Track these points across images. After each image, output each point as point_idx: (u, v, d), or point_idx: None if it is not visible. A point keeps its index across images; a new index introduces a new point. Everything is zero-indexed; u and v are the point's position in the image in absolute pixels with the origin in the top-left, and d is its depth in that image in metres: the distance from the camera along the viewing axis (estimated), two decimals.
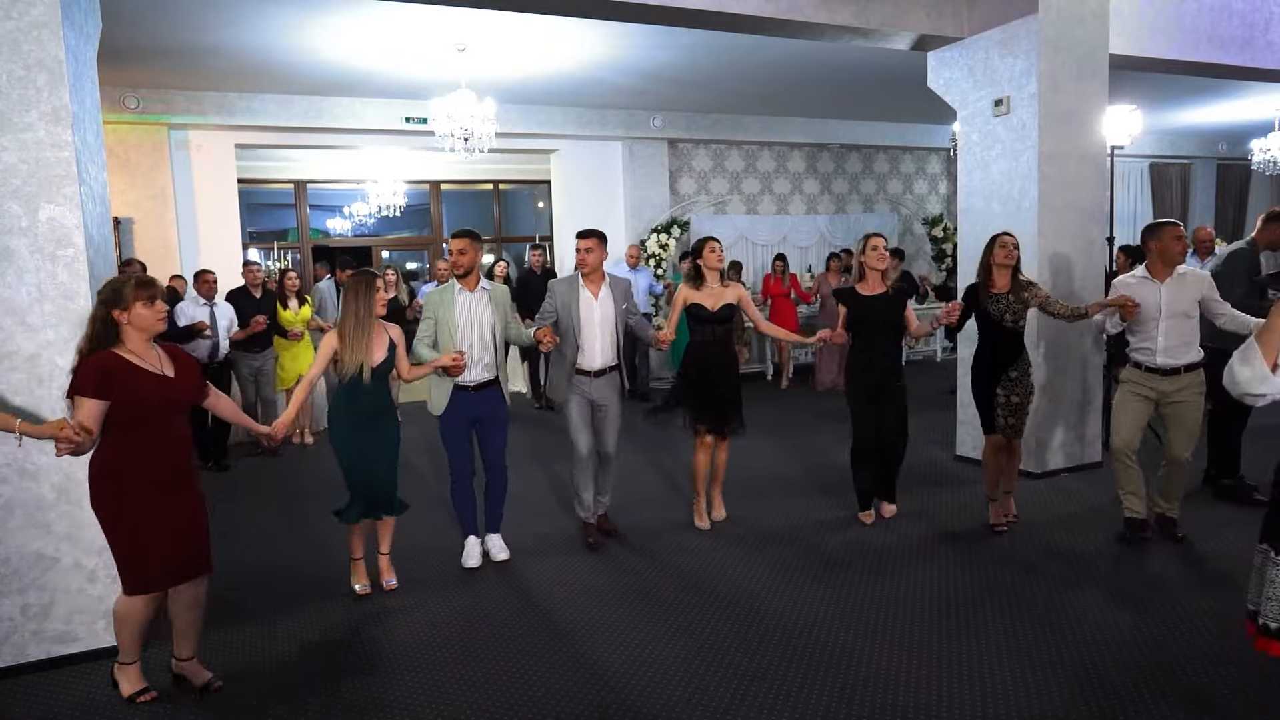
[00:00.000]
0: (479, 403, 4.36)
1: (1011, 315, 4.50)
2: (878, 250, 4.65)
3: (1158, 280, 4.26)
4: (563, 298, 4.55)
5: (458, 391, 4.32)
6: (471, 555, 4.50)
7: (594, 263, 4.53)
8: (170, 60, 7.09)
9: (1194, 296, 4.23)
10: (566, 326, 4.51)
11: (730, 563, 4.43)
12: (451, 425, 4.38)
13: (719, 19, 5.34)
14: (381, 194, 11.32)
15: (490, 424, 4.44)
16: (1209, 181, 14.14)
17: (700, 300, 4.74)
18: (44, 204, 3.44)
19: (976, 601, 3.83)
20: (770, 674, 3.25)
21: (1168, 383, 4.26)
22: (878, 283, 4.70)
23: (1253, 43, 6.81)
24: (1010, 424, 4.58)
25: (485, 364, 4.35)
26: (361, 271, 4.06)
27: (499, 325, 4.39)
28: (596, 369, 4.55)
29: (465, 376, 4.26)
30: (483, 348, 4.33)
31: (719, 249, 4.79)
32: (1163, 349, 4.23)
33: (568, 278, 4.65)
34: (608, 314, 4.56)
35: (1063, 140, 5.70)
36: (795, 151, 11.52)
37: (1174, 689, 3.03)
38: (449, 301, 4.31)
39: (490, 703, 3.13)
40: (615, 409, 4.66)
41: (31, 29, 3.38)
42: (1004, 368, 4.56)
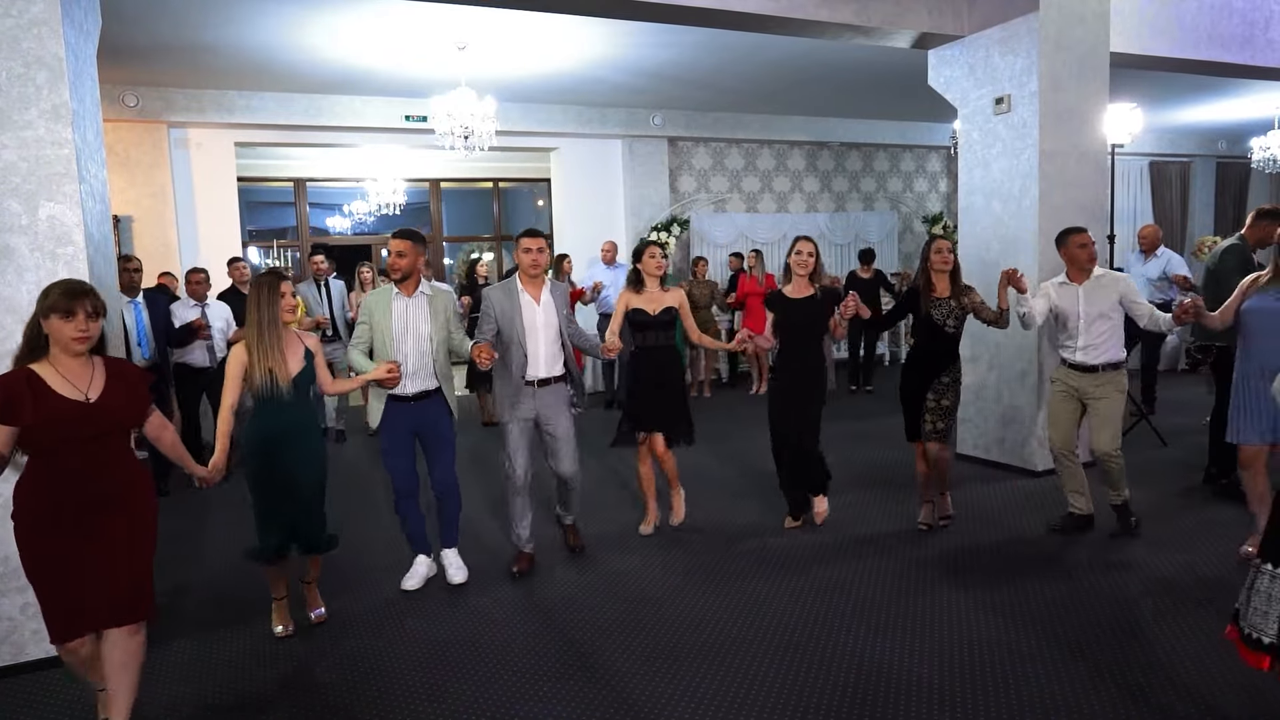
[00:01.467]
0: (418, 414, 4.06)
1: (953, 321, 4.55)
2: (802, 254, 4.64)
3: (1075, 284, 4.47)
4: (501, 306, 4.22)
5: (394, 402, 4.04)
6: (414, 576, 4.21)
7: (544, 264, 4.29)
8: (170, 58, 7.08)
9: (1113, 298, 4.40)
10: (509, 337, 4.19)
11: (731, 563, 4.44)
12: (390, 438, 4.08)
13: (721, 17, 5.33)
14: (381, 192, 11.32)
15: (433, 437, 4.12)
16: (1208, 180, 14.13)
17: (641, 305, 4.65)
18: (44, 202, 3.43)
19: (978, 599, 3.83)
20: (772, 674, 3.26)
21: (1088, 380, 4.43)
22: (804, 286, 4.68)
23: (1253, 41, 6.81)
24: (938, 428, 4.60)
25: (424, 373, 4.05)
26: (264, 275, 3.61)
27: (438, 333, 4.08)
28: (541, 378, 4.25)
29: (401, 386, 3.98)
30: (420, 357, 4.03)
31: (659, 255, 4.69)
32: (1082, 347, 4.43)
33: (503, 284, 4.35)
34: (551, 320, 4.27)
35: (1063, 138, 5.70)
36: (795, 149, 11.51)
37: (1174, 687, 3.03)
38: (384, 306, 4.03)
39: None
40: (565, 425, 4.34)
41: (31, 26, 3.37)
42: (938, 372, 4.59)
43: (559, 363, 4.32)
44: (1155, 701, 2.94)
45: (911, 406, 4.67)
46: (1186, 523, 4.65)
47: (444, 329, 4.10)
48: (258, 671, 3.46)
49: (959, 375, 4.65)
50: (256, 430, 3.58)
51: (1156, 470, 5.76)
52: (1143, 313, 4.38)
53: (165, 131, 8.20)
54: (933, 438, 4.62)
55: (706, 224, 10.70)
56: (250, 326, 3.52)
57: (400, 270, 4.00)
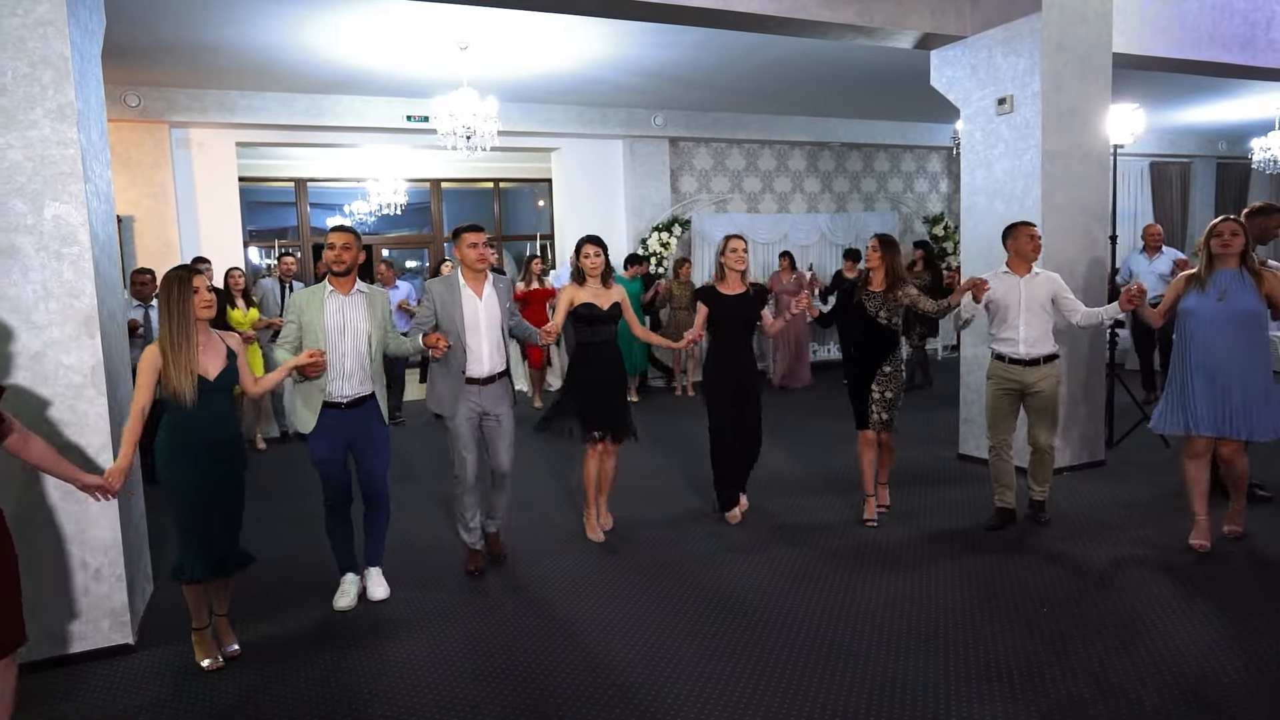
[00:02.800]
0: (352, 421, 3.85)
1: (886, 313, 4.69)
2: (737, 252, 4.75)
3: (1018, 275, 4.58)
4: (442, 299, 4.14)
5: (327, 409, 3.81)
6: (345, 595, 4.01)
7: (490, 260, 4.22)
8: (171, 58, 7.08)
9: (1048, 293, 4.54)
10: (449, 331, 4.09)
11: (729, 563, 4.44)
12: (320, 447, 3.85)
13: (723, 17, 5.33)
14: (382, 192, 11.32)
15: (366, 444, 3.91)
16: (1209, 180, 14.15)
17: (588, 299, 4.56)
18: (49, 202, 3.43)
19: (980, 598, 3.84)
20: (777, 673, 3.26)
21: (1029, 373, 4.55)
22: (737, 283, 4.79)
23: (1254, 42, 6.81)
24: (884, 419, 4.75)
25: (360, 376, 3.85)
26: (177, 268, 3.32)
27: (376, 334, 3.89)
28: (485, 375, 4.17)
29: (335, 391, 3.79)
30: (356, 358, 3.82)
31: (593, 254, 4.59)
32: (1024, 339, 4.53)
33: (445, 277, 4.23)
34: (493, 315, 4.19)
35: (1066, 139, 5.71)
36: (796, 150, 11.51)
37: (1181, 692, 3.03)
38: (316, 305, 3.79)
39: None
40: (508, 420, 4.28)
41: (37, 26, 3.37)
42: (878, 363, 4.72)
43: (502, 359, 4.27)
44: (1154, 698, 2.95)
45: (858, 397, 4.81)
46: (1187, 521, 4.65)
47: (382, 329, 3.94)
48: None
49: (900, 365, 4.79)
50: (174, 438, 3.29)
51: (1159, 470, 5.77)
52: (1076, 309, 4.53)
53: (167, 131, 8.19)
54: (880, 427, 4.77)
55: (708, 224, 10.70)
56: (162, 325, 3.25)
57: (345, 263, 3.80)
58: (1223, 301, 4.04)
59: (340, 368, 3.80)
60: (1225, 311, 4.04)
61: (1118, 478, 5.70)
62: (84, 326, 3.51)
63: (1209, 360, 4.08)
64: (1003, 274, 4.64)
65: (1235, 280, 4.06)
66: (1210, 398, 4.10)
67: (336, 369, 3.79)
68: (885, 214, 11.94)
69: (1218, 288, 4.07)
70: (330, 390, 3.80)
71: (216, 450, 3.34)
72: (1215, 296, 4.06)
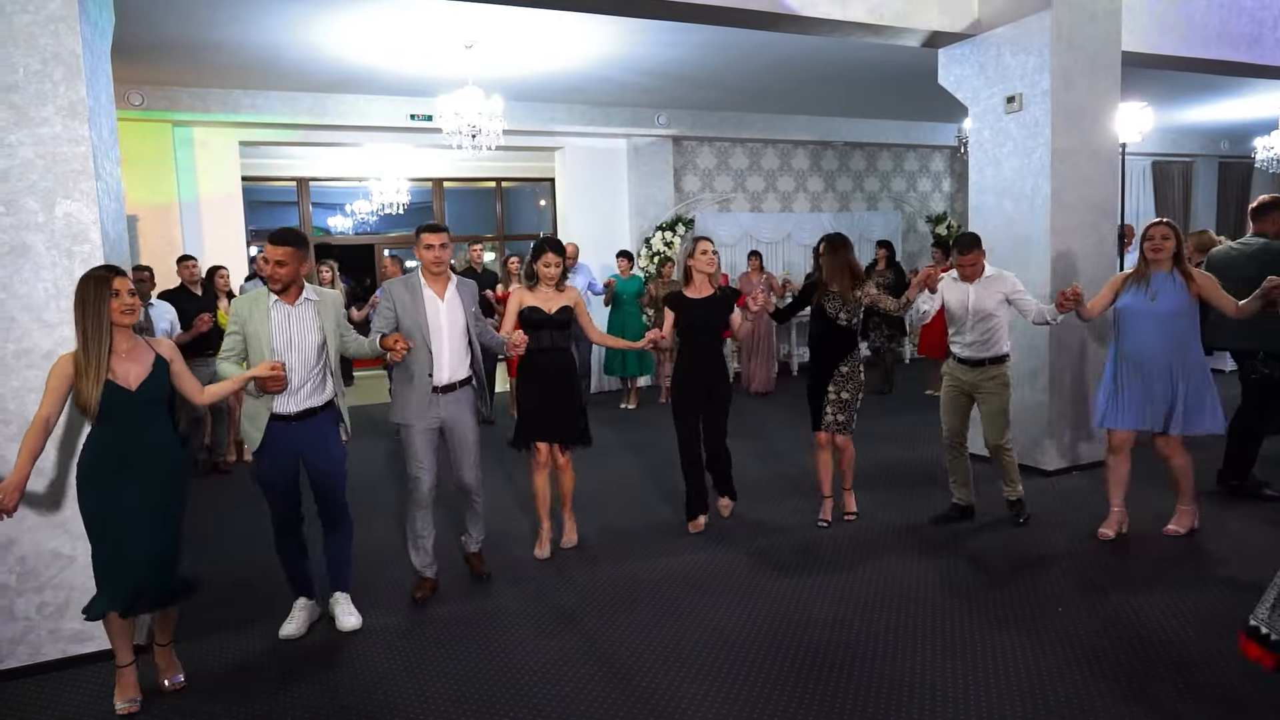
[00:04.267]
0: (303, 434, 3.57)
1: (845, 314, 4.68)
2: (706, 254, 4.70)
3: (967, 282, 4.63)
4: (402, 301, 3.90)
5: (275, 422, 3.52)
6: (292, 621, 3.71)
7: (447, 261, 4.00)
8: (175, 57, 7.05)
9: (998, 297, 4.55)
10: (411, 336, 3.84)
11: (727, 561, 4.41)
12: (268, 463, 3.56)
13: (732, 15, 5.31)
14: (385, 192, 11.29)
15: (319, 458, 3.62)
16: (1211, 179, 14.17)
17: (536, 303, 4.37)
18: (61, 199, 3.41)
19: (986, 597, 3.82)
20: (782, 673, 3.24)
21: (976, 374, 4.61)
22: (705, 286, 4.73)
23: (1261, 40, 6.81)
24: (839, 420, 4.73)
25: (310, 387, 3.58)
26: (95, 269, 3.04)
27: (331, 340, 3.62)
28: (445, 383, 3.94)
29: (284, 405, 3.53)
30: (306, 371, 3.55)
31: (554, 262, 4.39)
32: (969, 343, 4.60)
33: (405, 277, 4.00)
34: (456, 319, 3.97)
35: (1075, 137, 5.69)
36: (799, 149, 11.50)
37: (1189, 685, 3.02)
38: (261, 315, 3.49)
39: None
40: (470, 430, 4.04)
41: (49, 22, 3.35)
42: (836, 364, 4.72)
43: (465, 365, 4.03)
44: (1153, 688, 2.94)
45: (815, 398, 4.79)
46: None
47: (336, 334, 3.65)
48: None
49: (858, 366, 4.77)
50: (93, 456, 3.01)
51: None
52: (1029, 308, 4.56)
53: (170, 130, 8.17)
54: (834, 429, 4.73)
55: (711, 224, 10.68)
56: (77, 331, 2.96)
57: (281, 280, 3.48)
58: (1155, 301, 4.20)
59: (289, 381, 3.49)
60: (1158, 310, 4.20)
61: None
62: None
63: (1142, 357, 4.24)
64: (954, 281, 4.68)
65: (1168, 281, 4.21)
66: (1142, 394, 4.25)
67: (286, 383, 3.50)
68: (889, 213, 11.94)
69: (1151, 288, 4.23)
70: (276, 406, 3.52)
71: (143, 468, 3.01)
72: (1149, 296, 4.22)
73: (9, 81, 3.32)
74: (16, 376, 3.39)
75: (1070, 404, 5.83)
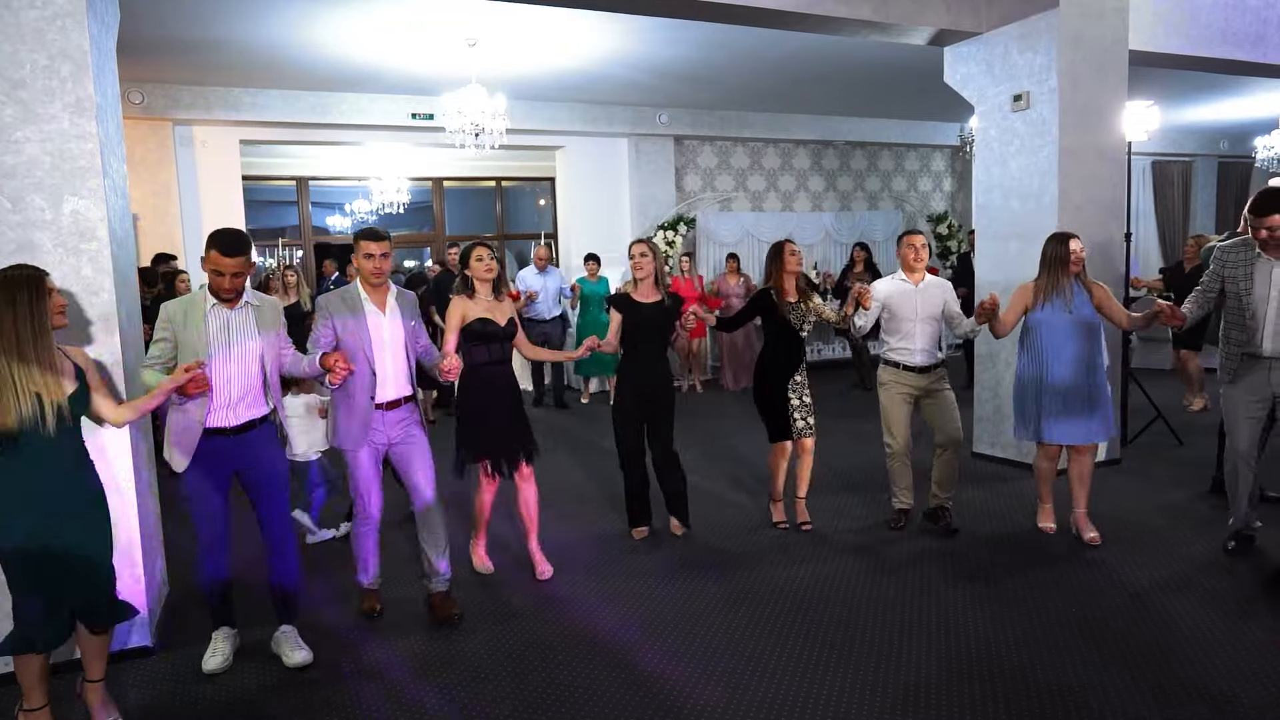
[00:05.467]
0: (240, 447, 3.29)
1: (806, 323, 4.67)
2: (635, 258, 4.54)
3: (913, 284, 4.58)
4: (340, 315, 3.61)
5: (211, 437, 3.23)
6: (216, 653, 3.39)
7: (388, 271, 3.69)
8: (176, 55, 7.01)
9: (940, 302, 4.58)
10: (352, 353, 3.56)
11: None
12: (201, 480, 3.25)
13: (740, 13, 5.29)
14: (385, 191, 11.25)
15: (260, 476, 3.37)
16: (1210, 179, 14.19)
17: (486, 314, 4.05)
18: (68, 197, 3.36)
19: (994, 598, 3.81)
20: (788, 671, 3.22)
21: (924, 379, 4.58)
22: (651, 290, 4.57)
23: (1266, 39, 6.80)
24: (809, 423, 4.69)
25: (250, 398, 3.33)
26: (15, 268, 2.76)
27: (271, 351, 3.39)
28: (390, 400, 3.68)
29: (221, 417, 3.25)
30: (245, 382, 3.30)
31: (487, 257, 4.09)
32: (920, 349, 4.55)
33: (340, 290, 3.71)
34: (398, 332, 3.71)
35: (1082, 136, 5.69)
36: (800, 148, 11.49)
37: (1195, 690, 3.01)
38: (195, 319, 3.22)
39: None
40: (420, 446, 3.77)
41: (56, 18, 3.31)
42: (791, 372, 4.65)
43: (408, 380, 3.76)
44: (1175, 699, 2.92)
45: (775, 408, 4.67)
46: (1196, 526, 4.63)
47: (275, 345, 3.42)
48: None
49: (806, 372, 4.76)
50: (8, 482, 2.70)
51: (1172, 470, 5.74)
52: (959, 320, 4.60)
53: (170, 129, 8.14)
54: (807, 434, 4.70)
55: (712, 223, 10.67)
56: (6, 338, 2.65)
57: (233, 290, 3.24)
58: (1072, 312, 4.27)
59: (225, 395, 3.25)
60: (1075, 321, 4.27)
61: (1135, 476, 5.67)
62: (102, 324, 3.44)
63: (1052, 367, 4.30)
64: (899, 280, 4.61)
65: (1078, 292, 4.30)
66: (1064, 406, 4.31)
67: (221, 397, 3.24)
68: (889, 212, 11.94)
69: (1064, 299, 4.28)
70: (212, 420, 3.25)
71: (69, 490, 2.79)
72: (1063, 307, 4.27)
73: (16, 77, 3.28)
74: None
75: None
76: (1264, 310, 3.90)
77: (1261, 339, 3.91)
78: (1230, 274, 4.02)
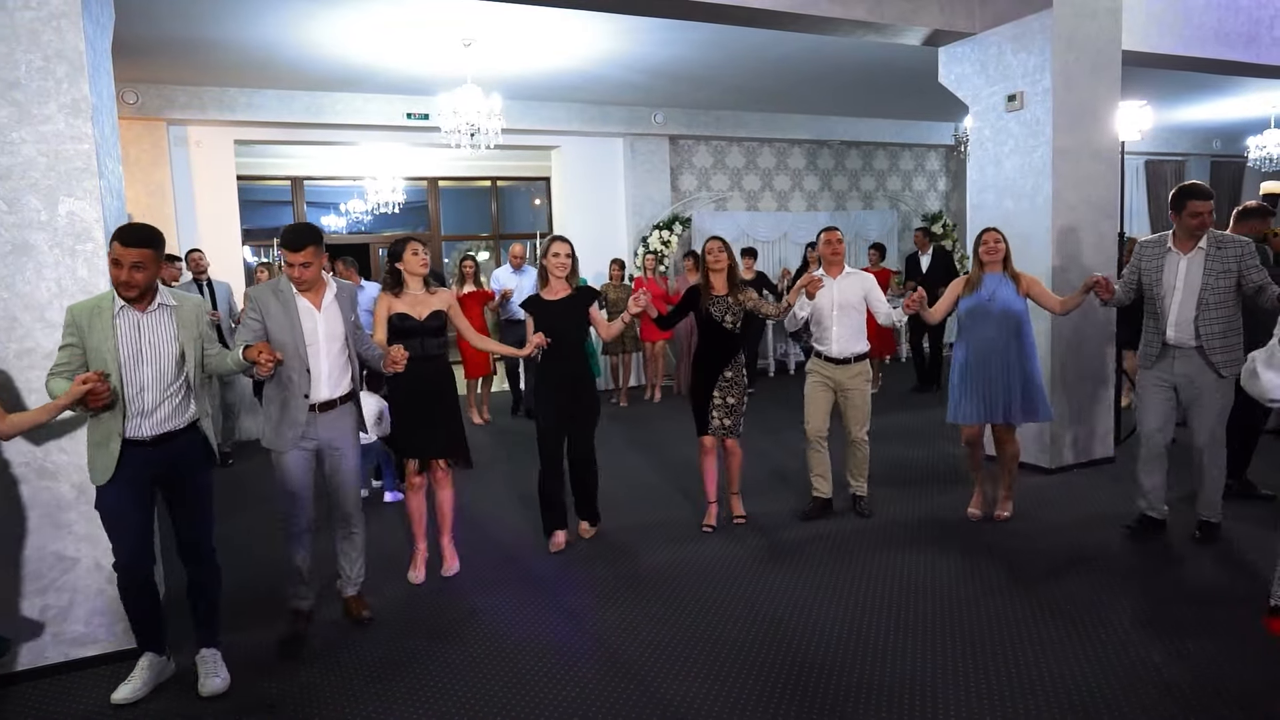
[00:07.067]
0: (158, 459, 3.09)
1: (731, 317, 4.66)
2: (559, 256, 4.45)
3: (831, 277, 4.78)
4: (271, 310, 3.45)
5: (129, 449, 3.03)
6: (130, 681, 3.19)
7: (312, 278, 3.48)
8: (170, 55, 6.99)
9: (859, 293, 4.77)
10: (282, 349, 3.38)
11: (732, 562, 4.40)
12: (116, 495, 3.03)
13: (735, 13, 5.30)
14: (380, 191, 11.24)
15: (181, 490, 3.17)
16: (1203, 178, 14.19)
17: (404, 309, 4.03)
18: (64, 198, 3.37)
19: (996, 596, 3.83)
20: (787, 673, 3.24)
21: (842, 371, 4.78)
22: (562, 287, 4.51)
23: (1258, 39, 6.84)
24: (726, 425, 4.70)
25: (169, 407, 3.11)
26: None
27: (191, 352, 3.16)
28: (324, 400, 3.52)
29: (137, 428, 3.04)
30: (162, 389, 3.08)
31: (421, 251, 4.07)
32: (837, 338, 4.75)
33: (274, 282, 3.55)
34: (335, 329, 3.54)
35: (1076, 136, 5.71)
36: (795, 148, 11.51)
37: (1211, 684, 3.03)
38: (103, 324, 3.00)
39: None
40: (351, 452, 3.64)
41: (51, 19, 3.31)
42: (720, 369, 4.67)
43: (345, 380, 3.61)
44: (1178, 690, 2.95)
45: (700, 403, 4.73)
46: (1188, 525, 4.65)
47: (198, 345, 3.20)
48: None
49: (741, 369, 4.73)
50: None
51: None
52: (882, 310, 4.81)
53: (165, 129, 8.10)
54: (722, 434, 4.71)
55: (708, 223, 10.68)
56: None
57: (138, 289, 2.99)
58: (992, 301, 4.51)
59: (139, 403, 3.04)
60: (994, 310, 4.51)
61: (1127, 473, 5.69)
62: None
63: (984, 354, 4.53)
64: (817, 275, 4.68)
65: (1001, 283, 4.54)
66: (983, 388, 4.55)
67: (135, 404, 3.03)
68: (884, 212, 11.97)
69: (988, 289, 4.54)
70: (128, 430, 3.04)
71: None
72: (986, 297, 4.53)
73: (11, 78, 3.28)
74: (19, 377, 3.35)
75: (1071, 400, 5.84)
76: (1169, 301, 4.18)
77: (1166, 327, 4.20)
78: (1146, 266, 4.32)
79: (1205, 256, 4.10)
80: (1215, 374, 4.12)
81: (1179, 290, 4.15)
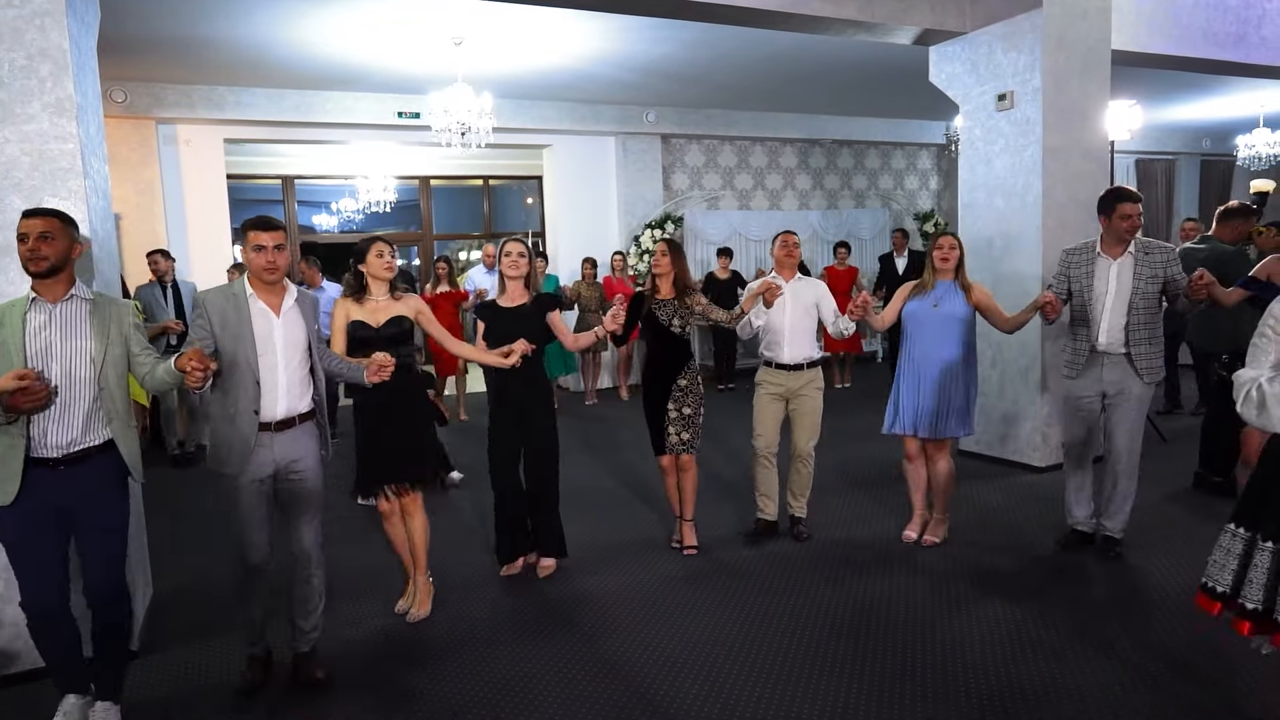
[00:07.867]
0: (68, 482, 2.73)
1: (679, 321, 4.37)
2: (510, 256, 4.11)
3: (784, 279, 4.56)
4: (222, 315, 3.04)
5: (34, 468, 2.70)
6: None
7: (285, 266, 3.13)
8: (159, 53, 6.95)
9: (811, 299, 4.55)
10: (234, 358, 3.03)
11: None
12: (20, 524, 2.70)
13: (726, 12, 5.30)
14: (371, 189, 11.21)
15: (93, 517, 2.79)
16: (1193, 177, 14.30)
17: (361, 317, 3.69)
18: (48, 198, 3.34)
19: (996, 597, 3.84)
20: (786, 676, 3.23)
21: (794, 379, 4.52)
22: (519, 293, 4.14)
23: (1246, 39, 6.87)
24: (684, 439, 4.36)
25: (79, 421, 2.76)
26: None
27: (112, 357, 2.82)
28: (280, 418, 3.10)
29: (42, 441, 2.71)
30: (75, 393, 2.75)
31: (388, 253, 3.72)
32: (789, 344, 4.50)
33: (226, 285, 3.19)
34: (295, 336, 3.14)
35: (1066, 135, 5.73)
36: (787, 147, 11.51)
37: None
38: (14, 320, 2.72)
39: None
40: (312, 477, 3.21)
41: (34, 17, 3.29)
42: (673, 377, 4.36)
43: (306, 395, 3.20)
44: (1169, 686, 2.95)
45: (655, 418, 4.40)
46: (1181, 523, 4.68)
47: (121, 349, 2.85)
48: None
49: (696, 377, 4.42)
50: None
51: (1152, 469, 5.78)
52: (831, 318, 4.56)
53: (154, 128, 8.07)
54: (680, 450, 4.38)
55: (700, 221, 10.68)
56: None
57: (48, 261, 2.71)
58: (938, 308, 4.33)
59: (48, 398, 2.67)
60: (939, 317, 4.33)
61: None
62: None
63: (923, 362, 4.36)
64: (771, 278, 4.52)
65: (950, 290, 4.36)
66: (918, 400, 4.37)
67: (44, 416, 2.71)
68: (876, 211, 11.98)
69: (935, 295, 4.37)
70: (35, 440, 2.70)
71: None
72: (931, 303, 4.35)
73: None
74: None
75: (1062, 401, 5.84)
76: (1100, 306, 4.12)
77: (1097, 334, 4.12)
78: (1075, 274, 4.22)
79: (1135, 261, 4.06)
80: (1140, 381, 4.07)
81: (1110, 295, 4.08)
